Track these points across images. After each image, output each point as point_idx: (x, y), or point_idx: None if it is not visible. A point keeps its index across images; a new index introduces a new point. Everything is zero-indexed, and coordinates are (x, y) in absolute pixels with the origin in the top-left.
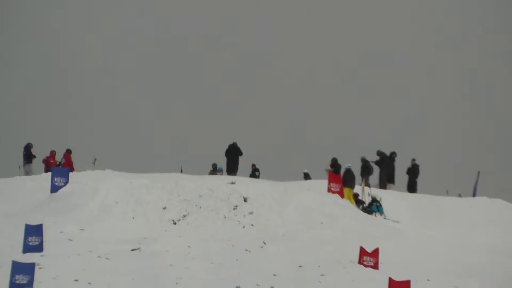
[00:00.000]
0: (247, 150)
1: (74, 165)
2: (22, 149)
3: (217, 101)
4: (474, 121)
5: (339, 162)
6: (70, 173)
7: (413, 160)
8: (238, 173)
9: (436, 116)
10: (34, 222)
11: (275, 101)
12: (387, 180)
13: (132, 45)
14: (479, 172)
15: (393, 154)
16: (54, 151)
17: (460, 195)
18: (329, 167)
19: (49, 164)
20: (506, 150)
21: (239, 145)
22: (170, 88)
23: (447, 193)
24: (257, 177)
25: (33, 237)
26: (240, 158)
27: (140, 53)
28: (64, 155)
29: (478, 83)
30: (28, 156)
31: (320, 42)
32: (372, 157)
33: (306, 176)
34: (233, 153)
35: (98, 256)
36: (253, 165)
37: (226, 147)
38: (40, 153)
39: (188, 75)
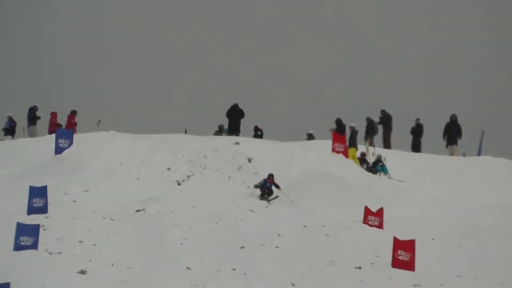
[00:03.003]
0: (250, 111)
1: (76, 126)
2: (26, 111)
3: (220, 62)
4: (479, 79)
5: (344, 122)
6: (74, 135)
7: (417, 119)
8: (241, 134)
9: (441, 75)
10: (38, 183)
11: (278, 62)
12: (453, 142)
13: (138, 3)
14: (483, 131)
15: (453, 116)
16: (55, 112)
17: (464, 154)
18: (333, 127)
19: (54, 125)
20: (510, 108)
21: (242, 106)
22: (174, 48)
23: (464, 155)
24: (260, 137)
25: (38, 198)
26: (243, 120)
27: (141, 14)
28: (68, 116)
29: (484, 40)
30: (33, 118)
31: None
32: (377, 117)
33: (310, 137)
34: (234, 114)
35: (103, 217)
36: (256, 127)
37: (227, 109)
38: (45, 115)
39: (192, 35)
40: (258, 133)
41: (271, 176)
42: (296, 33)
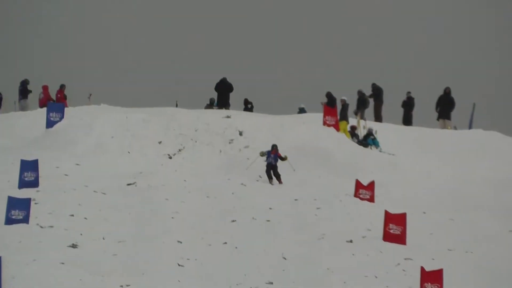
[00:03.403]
0: (241, 85)
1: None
2: (16, 85)
3: (212, 34)
4: (470, 53)
5: (334, 95)
6: (66, 109)
7: (409, 93)
8: (232, 107)
9: (433, 48)
10: (29, 157)
11: (269, 36)
12: (446, 116)
13: None
14: (474, 104)
15: (447, 89)
16: (47, 85)
17: (455, 128)
18: (324, 101)
19: (47, 99)
20: (501, 81)
21: (233, 80)
22: (165, 21)
23: (455, 128)
24: (250, 110)
25: (29, 172)
26: (233, 93)
27: None
28: (57, 91)
29: (477, 12)
30: (24, 91)
31: None
32: (368, 91)
33: (301, 111)
34: (223, 88)
35: (94, 191)
36: (246, 100)
37: (216, 83)
38: (35, 90)
39: (183, 7)
40: (248, 106)
41: (274, 147)
42: (287, 3)
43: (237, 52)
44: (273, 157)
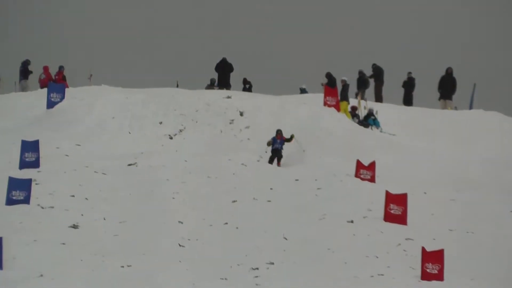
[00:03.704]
0: (241, 65)
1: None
2: (16, 66)
3: (211, 14)
4: (471, 33)
5: (334, 76)
6: (66, 89)
7: (409, 73)
8: (232, 88)
9: (433, 28)
10: (30, 138)
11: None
12: (447, 97)
13: None
14: (475, 84)
15: (449, 69)
16: (47, 66)
17: (456, 108)
18: (325, 81)
19: (48, 79)
20: (502, 62)
21: (233, 60)
22: (166, 1)
23: (455, 109)
24: (249, 90)
25: (30, 153)
26: (233, 73)
27: None
28: (56, 73)
29: None
30: (25, 72)
31: None
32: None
33: (303, 92)
34: (223, 68)
35: (95, 172)
36: (244, 79)
37: (216, 63)
38: (35, 71)
39: None
40: (246, 86)
41: (279, 132)
42: None
43: (238, 30)
44: (279, 142)
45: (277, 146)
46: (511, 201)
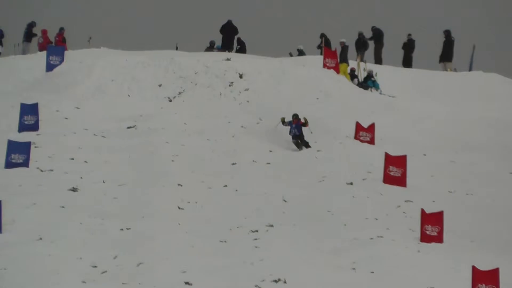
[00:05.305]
0: (242, 27)
1: (65, 44)
2: (16, 28)
3: None
4: None
5: (335, 38)
6: (66, 52)
7: (409, 35)
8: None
9: None
10: (29, 101)
11: None
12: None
13: None
14: (474, 46)
15: (445, 32)
16: (46, 29)
17: (455, 70)
18: (321, 44)
19: (46, 42)
20: (501, 24)
21: (234, 23)
22: None
23: (455, 70)
24: (241, 50)
25: (29, 116)
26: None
27: None
28: (56, 35)
29: None
30: (29, 34)
31: None
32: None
33: (301, 53)
34: (228, 31)
35: (94, 134)
36: (238, 39)
37: (221, 25)
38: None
39: None
40: (237, 47)
41: (295, 116)
42: None
43: None
44: (295, 127)
45: (295, 132)
46: (510, 163)
